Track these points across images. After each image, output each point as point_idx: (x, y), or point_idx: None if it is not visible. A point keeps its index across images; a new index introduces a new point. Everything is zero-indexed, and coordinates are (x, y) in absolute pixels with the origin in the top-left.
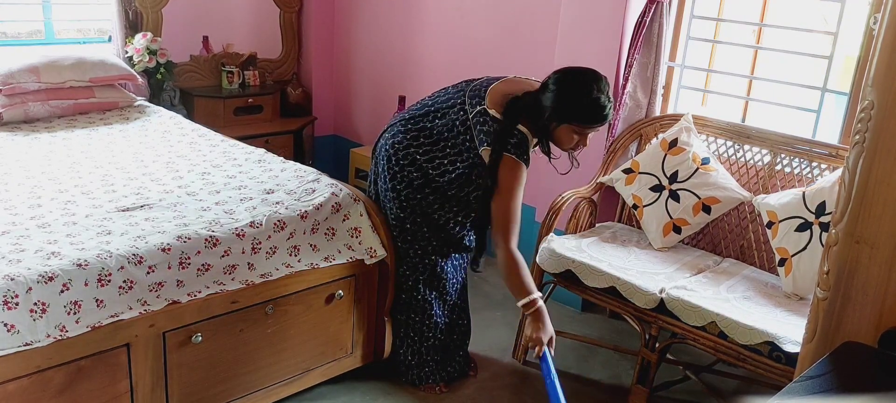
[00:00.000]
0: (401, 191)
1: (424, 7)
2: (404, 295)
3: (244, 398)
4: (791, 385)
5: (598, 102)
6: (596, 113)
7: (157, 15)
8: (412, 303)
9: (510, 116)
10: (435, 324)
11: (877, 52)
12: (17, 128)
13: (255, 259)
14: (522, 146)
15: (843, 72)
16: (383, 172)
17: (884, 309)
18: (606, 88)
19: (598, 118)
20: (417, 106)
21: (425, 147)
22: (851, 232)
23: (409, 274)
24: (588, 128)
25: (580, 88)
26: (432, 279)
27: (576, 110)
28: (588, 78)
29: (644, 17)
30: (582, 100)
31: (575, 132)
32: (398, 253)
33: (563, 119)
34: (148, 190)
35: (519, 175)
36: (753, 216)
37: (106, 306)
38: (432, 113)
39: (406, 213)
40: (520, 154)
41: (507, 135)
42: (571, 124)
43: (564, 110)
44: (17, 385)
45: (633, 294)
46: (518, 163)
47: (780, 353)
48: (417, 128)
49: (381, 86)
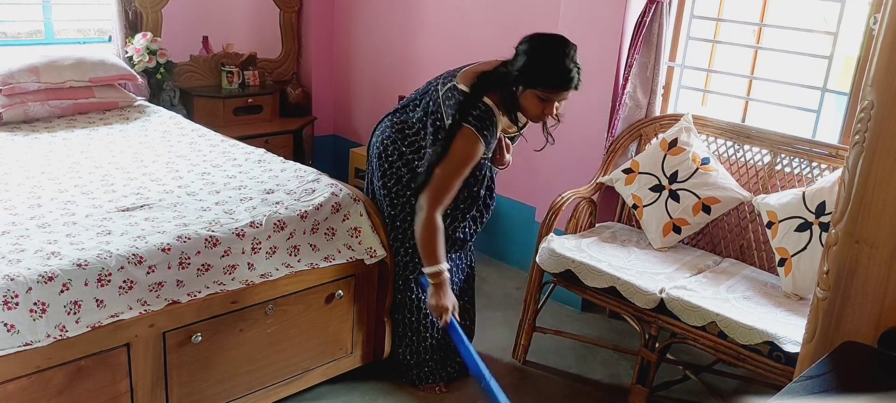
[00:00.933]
0: (391, 189)
1: (424, 7)
2: (399, 296)
3: (244, 398)
4: (791, 385)
5: (563, 67)
6: (560, 77)
7: (156, 15)
8: (407, 303)
9: (476, 88)
10: (432, 323)
11: (877, 52)
12: (17, 128)
13: (255, 259)
14: (485, 119)
15: (843, 73)
16: (376, 170)
17: (883, 309)
18: (574, 54)
19: (563, 83)
20: (404, 101)
21: (410, 138)
22: (851, 231)
23: (400, 273)
24: (553, 93)
25: (546, 53)
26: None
27: (540, 75)
28: (555, 42)
29: (644, 17)
30: (547, 64)
31: (540, 98)
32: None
33: (527, 84)
34: (148, 190)
35: (471, 149)
36: (753, 216)
37: (106, 306)
38: (412, 103)
39: (397, 211)
40: (480, 127)
41: (471, 106)
42: (536, 89)
43: (529, 75)
44: (17, 385)
45: (632, 294)
46: (475, 136)
47: (780, 353)
48: (401, 121)
49: (381, 86)
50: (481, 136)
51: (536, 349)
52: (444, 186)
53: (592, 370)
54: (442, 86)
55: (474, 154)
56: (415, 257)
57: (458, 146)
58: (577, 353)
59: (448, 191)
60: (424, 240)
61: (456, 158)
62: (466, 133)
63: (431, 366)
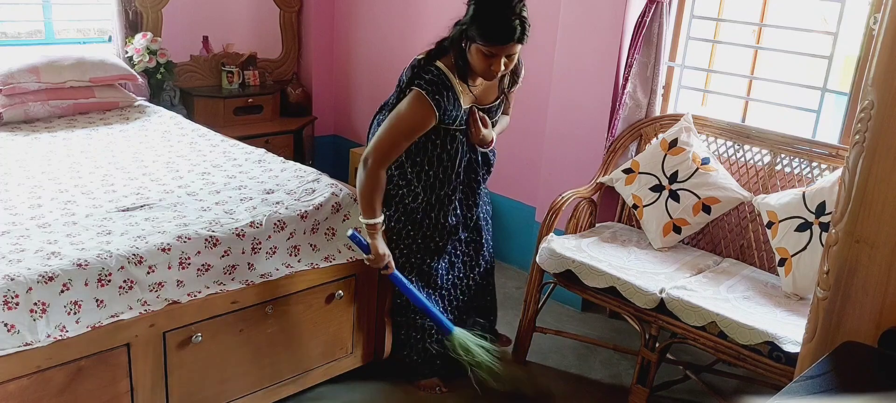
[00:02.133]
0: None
1: (424, 7)
2: (399, 300)
3: (244, 398)
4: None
5: (503, 18)
6: (501, 30)
7: (157, 15)
8: (409, 304)
9: (430, 54)
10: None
11: (877, 52)
12: (18, 128)
13: (255, 259)
14: (436, 83)
15: (843, 73)
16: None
17: (884, 309)
18: (519, 6)
19: (503, 36)
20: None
21: None
22: (851, 231)
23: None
24: (494, 47)
25: (489, 5)
26: (422, 277)
27: (481, 28)
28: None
29: (644, 17)
30: (488, 17)
31: (484, 53)
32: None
33: (471, 38)
34: (148, 190)
35: (416, 108)
36: (753, 216)
37: (106, 306)
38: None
39: (390, 212)
40: (430, 90)
41: (422, 70)
42: (478, 44)
43: (472, 28)
44: (17, 385)
45: (632, 294)
46: (421, 96)
47: (780, 353)
48: (382, 116)
49: (382, 87)
50: (431, 99)
51: (536, 349)
52: (389, 144)
53: (592, 370)
54: (408, 68)
55: (416, 113)
56: (410, 257)
57: (404, 106)
58: (578, 353)
59: (393, 149)
60: (365, 194)
61: (401, 118)
62: (414, 94)
63: (439, 364)
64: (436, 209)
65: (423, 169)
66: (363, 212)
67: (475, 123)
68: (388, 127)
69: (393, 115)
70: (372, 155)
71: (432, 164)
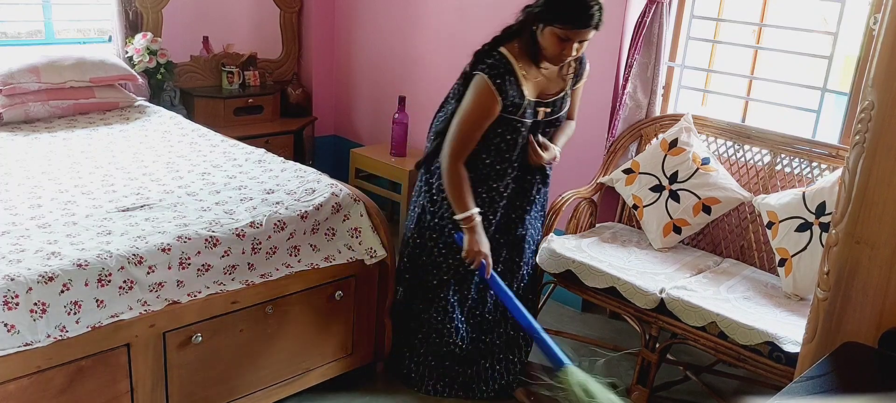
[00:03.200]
0: (433, 185)
1: (424, 7)
2: (430, 294)
3: (244, 398)
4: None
5: (583, 3)
6: (581, 14)
7: (157, 15)
8: (435, 301)
9: (494, 41)
10: (456, 329)
11: (877, 52)
12: (18, 128)
13: (255, 259)
14: (497, 68)
15: (843, 73)
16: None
17: (884, 310)
18: None
19: (583, 20)
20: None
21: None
22: (852, 232)
23: (434, 273)
24: (572, 31)
25: None
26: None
27: (560, 10)
28: None
29: (644, 17)
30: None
31: (559, 36)
32: (422, 247)
33: (547, 20)
34: (148, 190)
35: (480, 95)
36: (753, 216)
37: (106, 306)
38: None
39: (436, 206)
40: (492, 74)
41: (484, 55)
42: (555, 26)
43: (549, 10)
44: (17, 386)
45: (633, 294)
46: (484, 82)
47: (781, 353)
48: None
49: (382, 87)
50: (493, 83)
51: (537, 349)
52: (461, 137)
53: (592, 370)
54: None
55: (486, 101)
56: (448, 257)
57: (470, 95)
58: (578, 353)
59: (466, 142)
60: (450, 190)
61: (468, 108)
62: (477, 80)
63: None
64: (485, 203)
65: (479, 157)
66: (456, 209)
67: (533, 149)
68: (458, 120)
69: (460, 109)
70: (447, 151)
71: (489, 152)
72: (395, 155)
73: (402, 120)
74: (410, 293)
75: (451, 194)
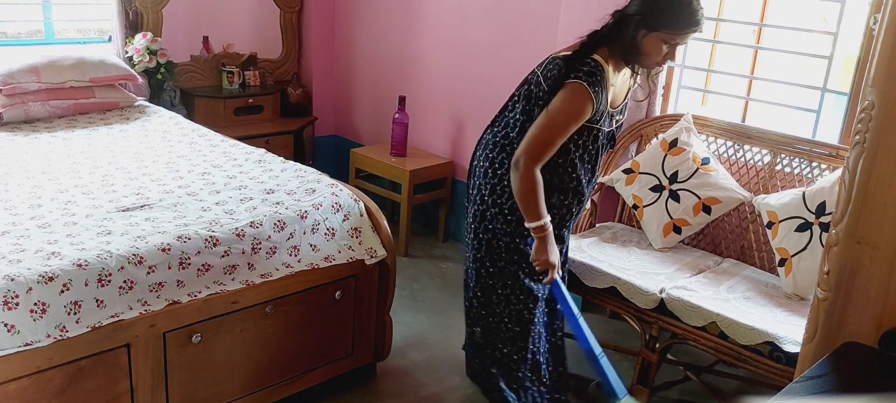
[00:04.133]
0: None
1: (424, 7)
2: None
3: (244, 398)
4: (791, 386)
5: (691, 5)
6: (690, 16)
7: (157, 15)
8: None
9: (585, 46)
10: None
11: (877, 52)
12: (18, 128)
13: (255, 259)
14: (594, 75)
15: (843, 73)
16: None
17: (885, 310)
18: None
19: (692, 22)
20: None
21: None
22: (852, 232)
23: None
24: (679, 34)
25: None
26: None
27: (669, 15)
28: None
29: None
30: (677, 5)
31: (664, 42)
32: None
33: (653, 26)
34: (148, 190)
35: (578, 101)
36: (753, 216)
37: (106, 306)
38: (510, 102)
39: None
40: (591, 82)
41: (579, 62)
42: (661, 32)
43: (656, 16)
44: (17, 386)
45: (633, 294)
46: (582, 88)
47: (781, 353)
48: (503, 127)
49: (382, 86)
50: (591, 90)
51: None
52: (544, 140)
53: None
54: (540, 67)
55: (581, 108)
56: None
57: (558, 98)
58: (578, 353)
59: (548, 146)
60: (524, 196)
61: (559, 111)
62: (573, 86)
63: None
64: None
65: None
66: (527, 218)
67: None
68: (543, 123)
69: (547, 112)
70: (524, 154)
71: (574, 166)
72: (395, 155)
73: (402, 120)
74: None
75: (522, 200)
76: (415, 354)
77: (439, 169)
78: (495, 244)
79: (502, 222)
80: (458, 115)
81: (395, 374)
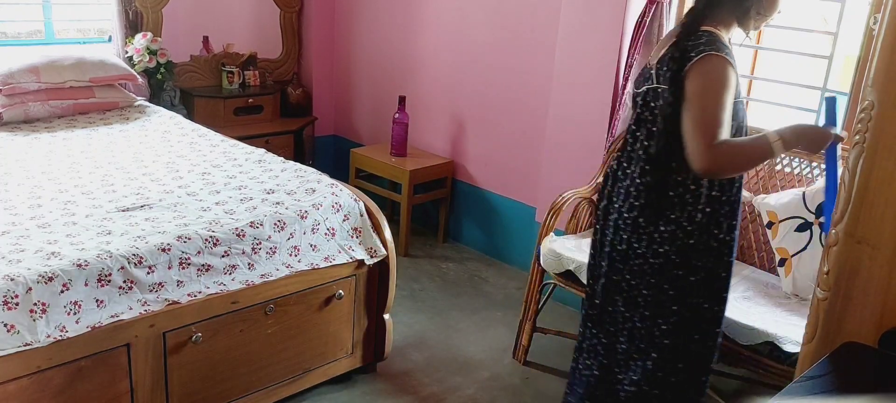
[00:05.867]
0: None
1: (424, 7)
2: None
3: (244, 398)
4: (791, 386)
5: None
6: None
7: (157, 15)
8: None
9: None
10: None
11: (877, 52)
12: (18, 128)
13: (255, 259)
14: (714, 42)
15: (843, 73)
16: (632, 240)
17: (885, 310)
18: None
19: None
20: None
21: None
22: (852, 232)
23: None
24: None
25: None
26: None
27: None
28: None
29: (644, 17)
30: None
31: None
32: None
33: None
34: (148, 190)
35: (714, 72)
36: (753, 216)
37: (106, 306)
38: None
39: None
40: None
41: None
42: None
43: None
44: (17, 386)
45: None
46: (709, 57)
47: (781, 353)
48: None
49: (382, 86)
50: (722, 55)
51: (537, 349)
52: (701, 119)
53: None
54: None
55: (721, 75)
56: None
57: (694, 81)
58: None
59: (712, 122)
60: (737, 159)
61: (695, 93)
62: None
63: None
64: (714, 219)
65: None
66: (764, 156)
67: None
68: (696, 107)
69: (697, 95)
70: (700, 143)
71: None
72: (395, 155)
73: (402, 120)
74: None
75: (746, 157)
76: (415, 354)
77: (439, 169)
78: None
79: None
80: (458, 115)
81: (395, 374)
